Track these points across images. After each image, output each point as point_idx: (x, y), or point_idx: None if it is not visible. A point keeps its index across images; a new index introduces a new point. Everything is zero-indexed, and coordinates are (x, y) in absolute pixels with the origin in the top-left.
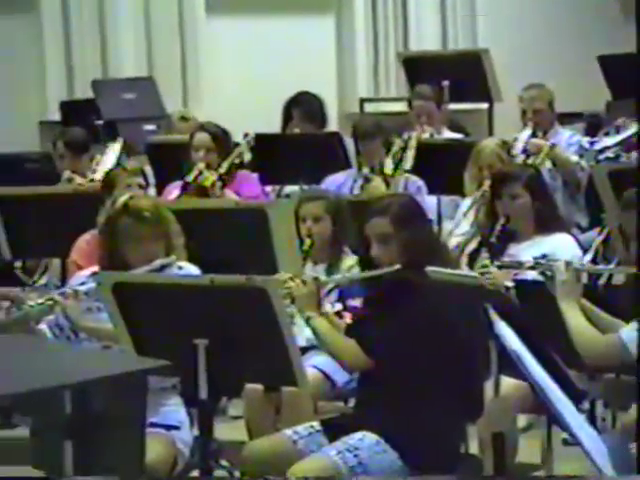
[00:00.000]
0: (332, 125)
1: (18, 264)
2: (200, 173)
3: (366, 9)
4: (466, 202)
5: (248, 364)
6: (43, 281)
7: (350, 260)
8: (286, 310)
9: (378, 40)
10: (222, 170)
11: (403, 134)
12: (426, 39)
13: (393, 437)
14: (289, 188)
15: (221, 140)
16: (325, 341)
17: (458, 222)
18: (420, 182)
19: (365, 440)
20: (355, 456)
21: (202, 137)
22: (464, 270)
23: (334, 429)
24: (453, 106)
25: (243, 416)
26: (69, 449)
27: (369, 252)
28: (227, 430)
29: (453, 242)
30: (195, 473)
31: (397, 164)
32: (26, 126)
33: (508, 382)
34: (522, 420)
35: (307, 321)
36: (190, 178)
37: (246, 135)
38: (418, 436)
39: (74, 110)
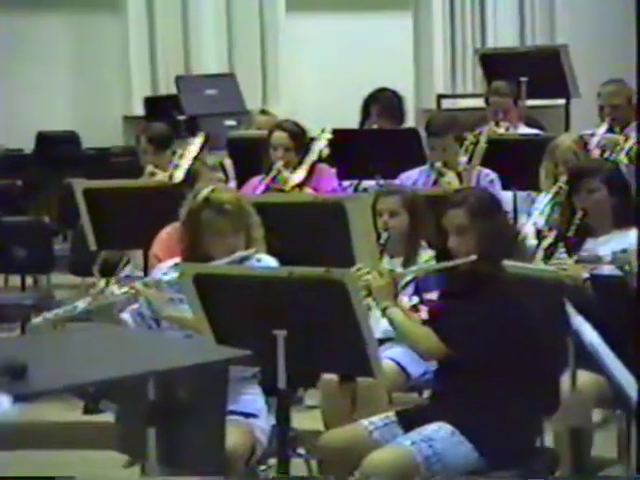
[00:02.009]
0: (409, 121)
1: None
2: (279, 172)
3: (444, 5)
4: (542, 197)
5: (325, 354)
6: (126, 272)
7: (427, 254)
8: (363, 302)
9: (455, 36)
10: (300, 174)
11: (477, 130)
12: (504, 35)
13: (469, 429)
14: (366, 183)
15: (299, 138)
16: (401, 330)
17: (534, 217)
18: (493, 175)
19: (441, 431)
20: (430, 446)
21: (280, 136)
22: (540, 264)
23: (409, 420)
24: (530, 102)
25: (319, 406)
26: (152, 435)
27: (446, 246)
28: (303, 419)
29: (529, 236)
30: (273, 461)
31: (469, 159)
32: (111, 121)
33: (585, 376)
34: (597, 415)
35: (384, 311)
36: (269, 178)
37: (323, 130)
38: (494, 428)
39: (157, 105)
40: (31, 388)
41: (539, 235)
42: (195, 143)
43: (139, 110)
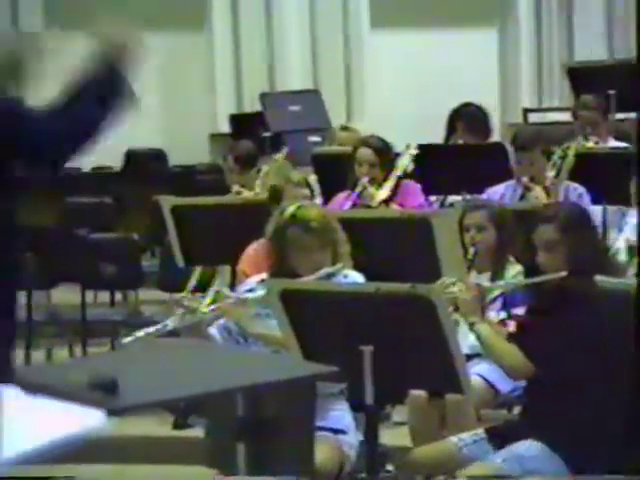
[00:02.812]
0: (495, 136)
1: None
2: (364, 189)
3: (530, 19)
4: (632, 211)
5: (413, 370)
6: (214, 288)
7: (514, 269)
8: (450, 317)
9: (542, 50)
10: (386, 190)
11: (565, 144)
12: (591, 48)
13: (560, 445)
14: (452, 198)
15: (384, 154)
16: (489, 346)
17: (625, 232)
18: (581, 189)
19: (531, 448)
20: (521, 464)
21: (365, 152)
22: (632, 280)
23: (499, 437)
24: (619, 115)
25: (407, 422)
26: (242, 450)
27: (534, 261)
28: (392, 436)
29: (620, 251)
30: (361, 477)
31: (557, 173)
32: (197, 138)
33: None
34: None
35: (471, 326)
36: (356, 195)
37: (408, 146)
38: (585, 444)
39: (243, 122)
40: (122, 403)
41: (631, 250)
42: (278, 160)
43: (225, 127)
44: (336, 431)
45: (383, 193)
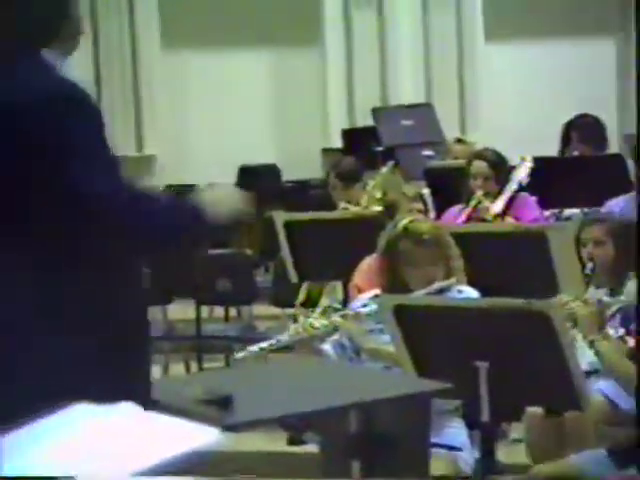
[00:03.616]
0: (612, 147)
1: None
2: (479, 202)
3: None
4: None
5: (529, 387)
6: (325, 303)
7: (634, 284)
8: (569, 333)
9: None
10: (501, 203)
11: None
12: None
13: None
14: (569, 211)
15: (498, 167)
16: (609, 364)
17: None
18: None
19: None
20: None
21: (480, 165)
22: None
23: (622, 456)
24: None
25: (524, 439)
26: (356, 466)
27: None
28: (508, 453)
29: None
30: None
31: None
32: (310, 153)
33: None
34: None
35: (591, 344)
36: (470, 208)
37: (523, 158)
38: None
39: (355, 137)
40: (237, 419)
41: None
42: (386, 172)
43: (337, 142)
44: (451, 448)
45: (498, 206)
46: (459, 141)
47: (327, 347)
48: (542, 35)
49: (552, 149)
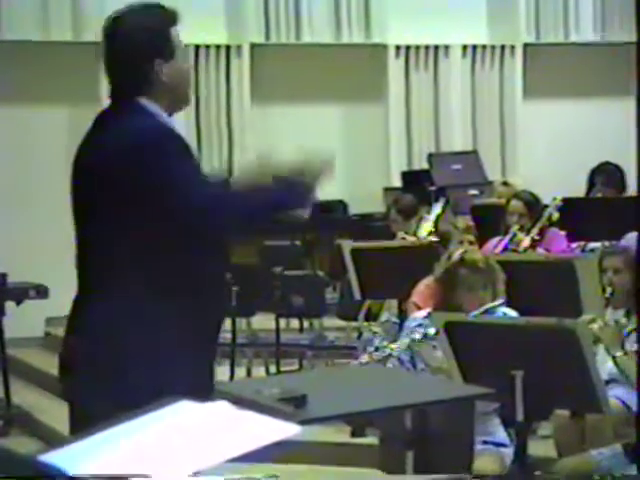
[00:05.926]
0: (630, 190)
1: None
2: (515, 236)
3: None
4: None
5: (557, 392)
6: (384, 318)
7: None
8: (591, 348)
9: None
10: (533, 234)
11: None
12: None
13: None
14: (592, 244)
15: (532, 206)
16: (629, 376)
17: None
18: None
19: None
20: None
21: (516, 204)
22: None
23: (635, 452)
24: None
25: (552, 436)
26: (410, 458)
27: None
28: (538, 447)
29: None
30: None
31: None
32: (373, 191)
33: None
34: None
35: (613, 359)
36: (507, 240)
37: (554, 199)
38: None
39: (412, 178)
40: (310, 415)
41: None
42: (437, 208)
43: (397, 182)
44: (498, 444)
45: (529, 239)
46: (504, 183)
47: (389, 366)
48: (571, 94)
49: (580, 191)
